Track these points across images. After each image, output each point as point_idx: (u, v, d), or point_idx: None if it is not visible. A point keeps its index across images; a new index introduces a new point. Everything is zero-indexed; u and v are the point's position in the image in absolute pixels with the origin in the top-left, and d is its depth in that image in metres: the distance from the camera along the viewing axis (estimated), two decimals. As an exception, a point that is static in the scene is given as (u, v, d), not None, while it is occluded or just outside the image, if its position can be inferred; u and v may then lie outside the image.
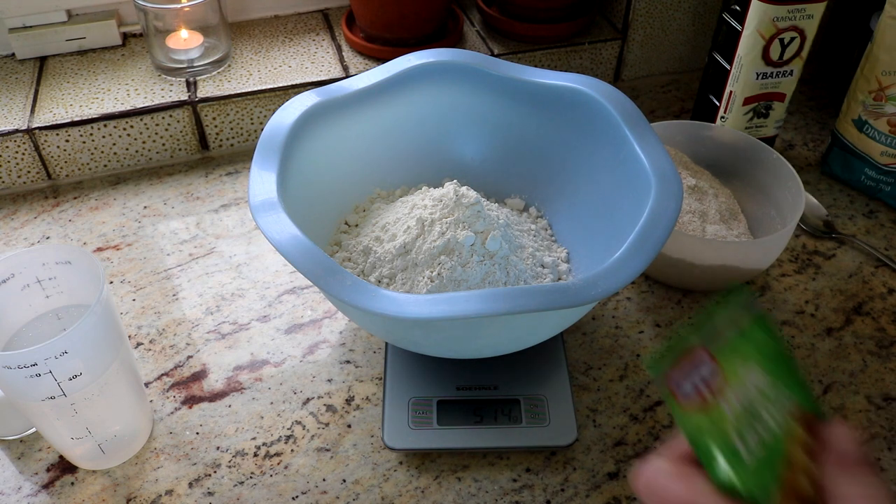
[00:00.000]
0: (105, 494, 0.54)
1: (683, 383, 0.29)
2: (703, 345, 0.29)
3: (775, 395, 0.28)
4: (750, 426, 0.28)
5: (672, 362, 0.29)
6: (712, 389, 0.28)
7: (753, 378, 0.29)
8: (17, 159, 0.77)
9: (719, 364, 0.29)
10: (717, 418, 0.28)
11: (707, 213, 0.69)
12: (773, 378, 0.29)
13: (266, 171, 0.53)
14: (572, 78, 0.62)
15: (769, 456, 0.28)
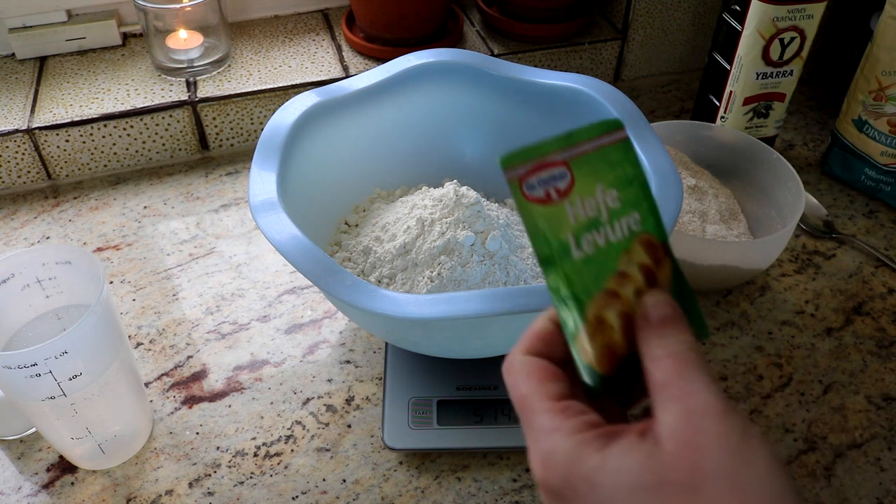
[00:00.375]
0: (105, 494, 0.54)
1: (533, 181, 0.29)
2: (562, 155, 0.30)
3: (623, 215, 0.30)
4: (587, 232, 0.30)
5: (527, 162, 0.30)
6: (560, 192, 0.29)
7: (604, 195, 0.30)
8: (17, 159, 0.77)
9: (573, 175, 0.30)
10: (557, 214, 0.29)
11: (707, 213, 0.69)
12: (625, 200, 0.30)
13: (266, 171, 0.53)
14: (572, 78, 0.62)
15: (599, 258, 0.29)
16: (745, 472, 0.25)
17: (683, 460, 0.25)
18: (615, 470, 0.26)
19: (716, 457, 0.25)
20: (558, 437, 0.27)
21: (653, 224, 0.30)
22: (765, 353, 0.63)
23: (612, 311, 0.29)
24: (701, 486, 0.25)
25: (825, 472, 0.55)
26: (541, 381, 0.29)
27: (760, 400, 0.60)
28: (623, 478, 0.26)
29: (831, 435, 0.58)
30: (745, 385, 0.61)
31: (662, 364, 0.28)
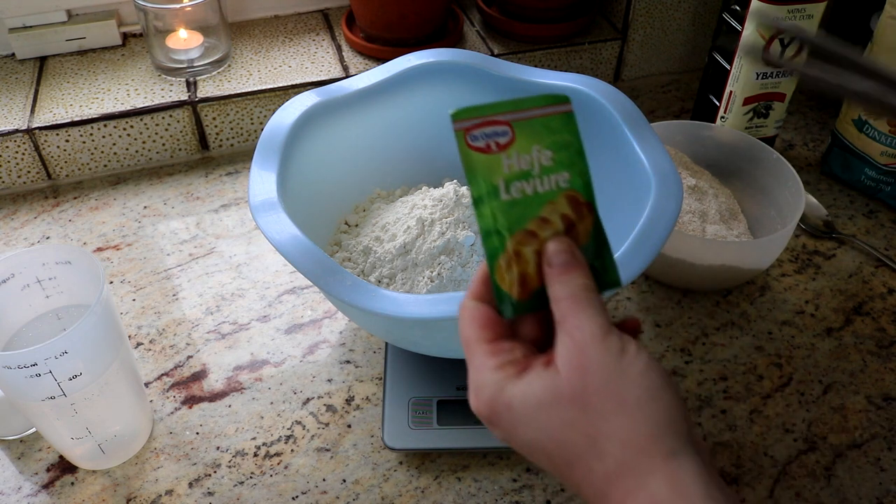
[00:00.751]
0: (105, 494, 0.54)
1: (476, 134, 0.34)
2: (508, 117, 0.35)
3: (554, 172, 0.34)
4: (517, 181, 0.34)
5: (474, 118, 0.34)
6: (499, 145, 0.34)
7: (539, 154, 0.35)
8: (17, 159, 0.77)
9: (514, 134, 0.34)
10: (493, 163, 0.34)
11: (707, 213, 0.69)
12: (558, 160, 0.35)
13: (266, 171, 0.53)
14: (572, 78, 0.62)
15: (524, 203, 0.34)
16: (622, 382, 0.31)
17: (574, 381, 0.31)
18: (524, 394, 0.32)
19: (598, 374, 0.31)
20: (486, 372, 0.33)
21: (581, 184, 0.35)
22: (765, 353, 0.63)
23: (530, 247, 0.34)
24: (588, 398, 0.31)
25: (825, 472, 0.55)
26: (481, 326, 0.34)
27: (760, 400, 0.60)
28: (530, 400, 0.32)
29: (831, 435, 0.58)
30: (745, 385, 0.61)
31: (561, 305, 0.33)
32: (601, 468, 0.31)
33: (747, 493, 0.54)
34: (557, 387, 0.31)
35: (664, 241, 0.49)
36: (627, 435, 0.30)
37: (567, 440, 0.31)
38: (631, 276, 0.47)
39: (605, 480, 0.30)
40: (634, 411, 0.30)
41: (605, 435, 0.30)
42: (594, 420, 0.31)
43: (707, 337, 0.65)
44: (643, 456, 0.30)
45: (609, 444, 0.30)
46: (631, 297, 0.68)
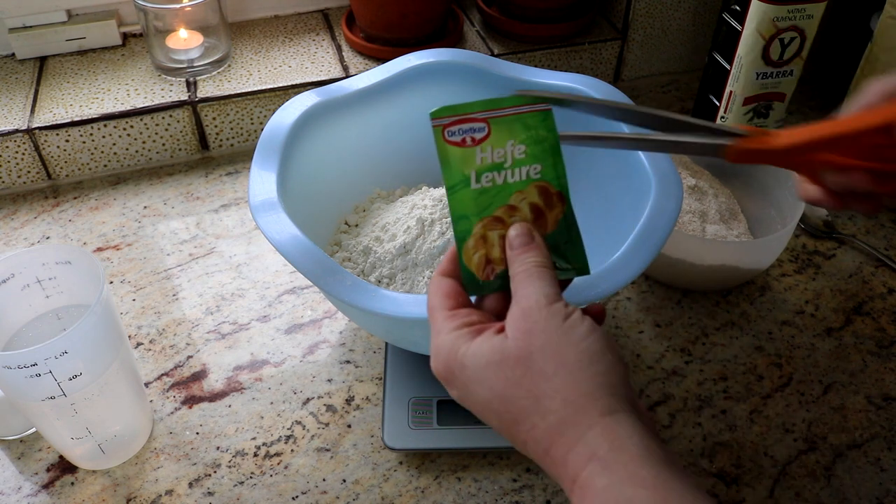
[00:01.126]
0: (105, 494, 0.54)
1: (454, 129, 0.36)
2: (484, 115, 0.37)
3: (526, 164, 0.37)
4: (489, 172, 0.37)
5: (452, 115, 0.37)
6: (475, 140, 0.37)
7: (513, 148, 0.37)
8: (17, 159, 0.77)
9: (490, 130, 0.37)
10: (467, 155, 0.37)
11: (707, 213, 0.69)
12: (530, 153, 0.37)
13: (266, 171, 0.53)
14: (572, 78, 0.62)
15: (493, 192, 0.37)
16: (564, 345, 0.33)
17: (520, 342, 0.34)
18: (475, 354, 0.34)
19: (541, 336, 0.33)
20: (444, 335, 0.36)
21: (552, 175, 0.37)
22: (765, 353, 0.63)
23: (495, 232, 0.37)
24: (532, 359, 0.33)
25: (825, 472, 0.55)
26: (445, 296, 0.37)
27: (760, 400, 0.60)
28: (480, 359, 0.34)
29: (831, 435, 0.58)
30: (745, 385, 0.61)
31: (516, 279, 0.36)
32: (544, 425, 0.32)
33: (747, 493, 0.54)
34: (505, 348, 0.34)
35: (664, 241, 0.49)
36: (567, 393, 0.32)
37: (513, 398, 0.33)
38: (631, 276, 0.47)
39: (547, 436, 0.32)
40: (575, 372, 0.33)
41: (547, 393, 0.33)
42: (537, 379, 0.33)
43: (707, 337, 0.65)
44: (582, 413, 0.32)
45: (551, 402, 0.32)
46: (631, 297, 0.68)
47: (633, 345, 0.64)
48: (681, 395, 0.60)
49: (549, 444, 0.32)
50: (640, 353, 0.63)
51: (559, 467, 0.32)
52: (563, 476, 0.32)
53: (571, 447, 0.32)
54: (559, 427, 0.32)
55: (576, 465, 0.31)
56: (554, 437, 0.32)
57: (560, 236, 0.38)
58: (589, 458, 0.31)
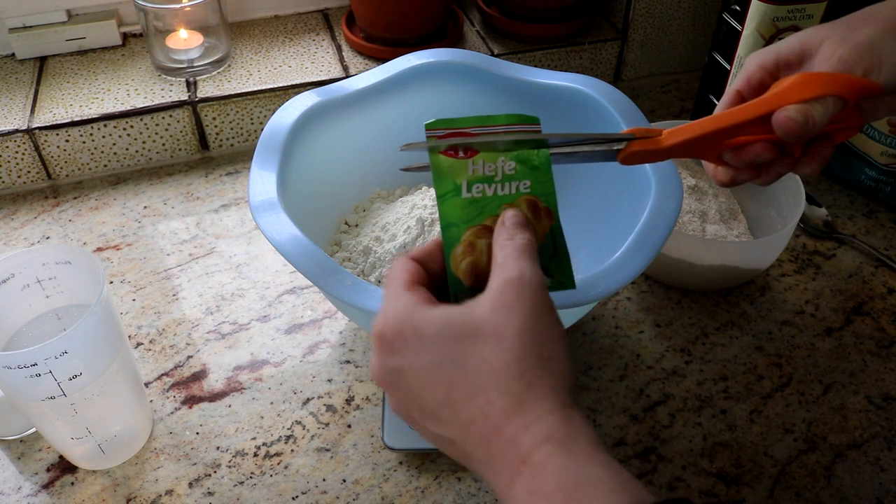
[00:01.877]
0: (105, 494, 0.54)
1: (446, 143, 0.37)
2: (478, 130, 0.38)
3: (516, 179, 0.38)
4: (479, 183, 0.38)
5: (447, 128, 0.38)
6: (467, 153, 0.37)
7: (504, 164, 0.38)
8: (17, 159, 0.77)
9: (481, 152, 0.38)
10: (459, 166, 0.37)
11: (707, 213, 0.69)
12: (520, 170, 0.38)
13: (266, 171, 0.53)
14: (572, 78, 0.62)
15: (482, 202, 0.38)
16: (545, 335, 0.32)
17: (499, 316, 0.32)
18: (438, 319, 0.33)
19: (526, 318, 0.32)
20: (400, 300, 0.34)
21: (541, 192, 0.38)
22: (765, 353, 0.63)
23: (483, 240, 0.37)
24: (505, 334, 0.32)
25: (825, 472, 0.55)
26: (408, 272, 0.36)
27: (760, 400, 0.60)
28: (445, 327, 0.32)
29: (831, 435, 0.58)
30: (745, 385, 0.61)
31: (505, 250, 0.34)
32: (502, 403, 0.31)
33: (747, 493, 0.54)
34: (482, 319, 0.32)
35: (664, 241, 0.49)
36: (533, 379, 0.32)
37: (477, 371, 0.32)
38: (631, 276, 0.47)
39: (503, 414, 0.31)
40: (548, 364, 0.32)
41: (514, 374, 0.32)
42: (507, 358, 0.32)
43: (707, 337, 0.65)
44: (545, 399, 0.31)
45: (515, 383, 0.31)
46: (631, 297, 0.68)
47: (633, 345, 0.64)
48: (681, 395, 0.60)
49: (503, 423, 0.31)
50: (640, 353, 0.63)
51: (508, 447, 0.31)
52: (509, 457, 0.31)
53: (528, 426, 0.31)
54: (518, 408, 0.31)
55: (530, 444, 0.30)
56: (511, 416, 0.31)
57: (546, 250, 0.38)
58: (546, 439, 0.30)
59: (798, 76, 0.41)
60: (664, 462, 0.56)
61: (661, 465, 0.55)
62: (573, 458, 0.30)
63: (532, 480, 0.30)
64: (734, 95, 0.45)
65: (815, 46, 0.42)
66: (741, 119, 0.41)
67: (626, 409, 0.59)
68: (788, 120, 0.39)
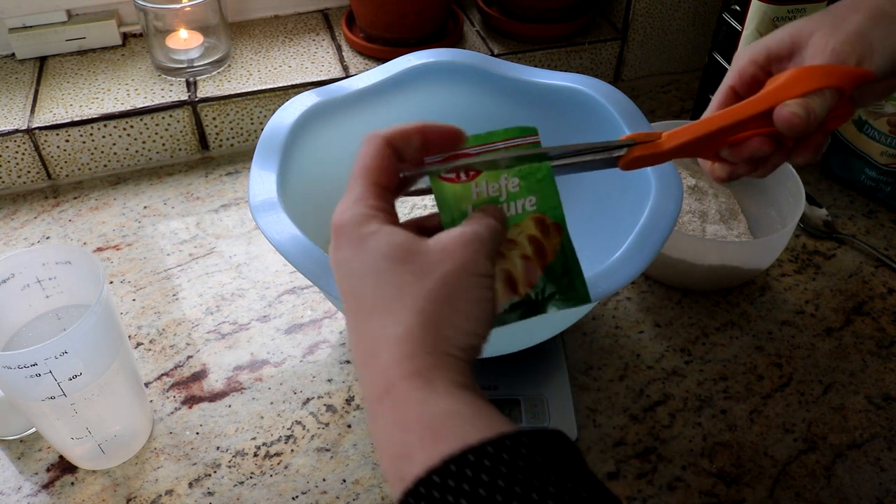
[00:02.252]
0: (105, 494, 0.54)
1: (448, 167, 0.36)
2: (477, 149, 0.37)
3: (521, 197, 0.37)
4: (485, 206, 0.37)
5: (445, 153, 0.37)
6: (469, 175, 0.36)
7: (507, 182, 0.37)
8: (17, 159, 0.77)
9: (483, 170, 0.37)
10: (462, 191, 0.36)
11: (707, 213, 0.69)
12: (524, 186, 0.37)
13: (266, 171, 0.53)
14: (572, 78, 0.62)
15: None
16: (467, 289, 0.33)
17: (438, 255, 0.33)
18: (384, 236, 0.33)
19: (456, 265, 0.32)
20: (363, 203, 0.34)
21: (548, 207, 0.37)
22: (765, 353, 0.63)
23: (497, 267, 0.36)
24: (432, 273, 0.32)
25: (825, 472, 0.55)
26: (381, 169, 0.35)
27: (760, 400, 0.60)
28: (385, 249, 0.33)
29: (831, 435, 0.58)
30: (745, 385, 0.61)
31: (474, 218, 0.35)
32: (392, 330, 0.32)
33: (747, 493, 0.54)
34: (419, 252, 0.33)
35: (664, 241, 0.49)
36: (434, 324, 0.32)
37: (387, 295, 0.32)
38: (631, 276, 0.47)
39: (387, 342, 0.32)
40: (455, 315, 0.32)
41: (417, 309, 0.32)
42: (420, 293, 0.32)
43: (707, 337, 0.65)
44: (432, 345, 0.32)
45: (414, 319, 0.32)
46: (631, 297, 0.68)
47: (633, 345, 0.64)
48: (681, 395, 0.60)
49: (383, 348, 0.32)
50: (640, 353, 0.63)
51: (377, 374, 0.32)
52: (377, 383, 0.31)
53: (400, 361, 0.31)
54: (405, 339, 0.31)
55: (396, 377, 0.31)
56: (391, 346, 0.31)
57: (558, 266, 0.38)
58: (413, 374, 0.31)
59: (794, 71, 0.41)
60: (664, 462, 0.56)
61: (661, 465, 0.55)
62: (434, 394, 0.30)
63: (392, 410, 0.31)
64: (728, 91, 0.45)
65: (805, 38, 0.42)
66: (741, 117, 0.41)
67: (626, 409, 0.59)
68: (791, 115, 0.39)
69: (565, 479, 0.27)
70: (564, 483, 0.27)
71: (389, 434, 0.30)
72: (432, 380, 0.31)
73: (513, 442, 0.28)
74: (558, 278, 0.37)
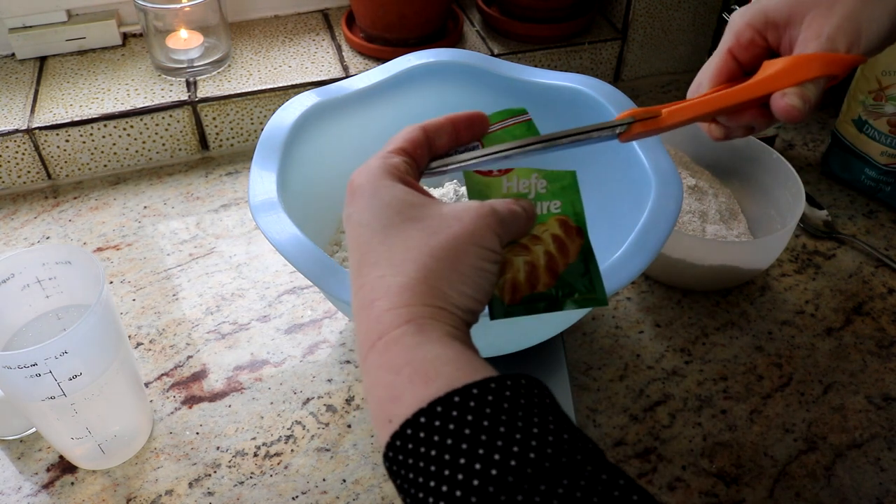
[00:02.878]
0: (105, 494, 0.54)
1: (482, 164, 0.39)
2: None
3: (547, 199, 0.39)
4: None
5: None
6: (501, 171, 0.39)
7: (537, 182, 0.39)
8: (17, 159, 0.77)
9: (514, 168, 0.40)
10: (494, 184, 0.39)
11: (707, 213, 0.69)
12: (551, 189, 0.39)
13: (266, 171, 0.53)
14: (572, 78, 0.62)
15: None
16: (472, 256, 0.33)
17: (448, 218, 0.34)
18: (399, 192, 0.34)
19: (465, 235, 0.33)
20: (382, 160, 0.36)
21: (571, 212, 0.39)
22: (765, 353, 0.63)
23: (521, 258, 0.38)
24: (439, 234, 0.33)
25: (825, 472, 0.55)
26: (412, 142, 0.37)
27: (760, 400, 0.60)
28: (398, 204, 0.34)
29: (831, 435, 0.58)
30: (745, 385, 0.61)
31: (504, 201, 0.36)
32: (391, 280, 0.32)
33: (747, 493, 0.54)
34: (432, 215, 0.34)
35: (664, 241, 0.49)
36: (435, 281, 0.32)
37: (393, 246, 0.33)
38: (631, 276, 0.47)
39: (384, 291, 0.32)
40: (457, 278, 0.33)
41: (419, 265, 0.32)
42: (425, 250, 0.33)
43: (707, 337, 0.65)
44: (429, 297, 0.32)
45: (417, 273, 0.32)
46: (631, 297, 0.68)
47: (633, 345, 0.64)
48: (681, 395, 0.60)
49: (379, 297, 0.32)
50: (640, 353, 0.63)
51: (371, 321, 0.32)
52: (370, 330, 0.32)
53: (396, 308, 0.32)
54: (402, 291, 0.32)
55: (390, 324, 0.31)
56: (388, 295, 0.32)
57: (579, 268, 0.39)
58: (406, 322, 0.31)
59: (790, 59, 0.43)
60: (664, 462, 0.56)
61: (661, 465, 0.55)
62: (426, 340, 0.31)
63: (383, 354, 0.31)
64: (725, 55, 0.47)
65: (801, 13, 0.43)
66: (739, 100, 0.43)
67: (626, 409, 0.59)
68: (789, 107, 0.41)
69: (546, 421, 0.28)
70: (546, 424, 0.28)
71: (380, 378, 0.31)
72: (425, 327, 0.31)
73: (497, 385, 0.29)
74: (579, 279, 0.38)
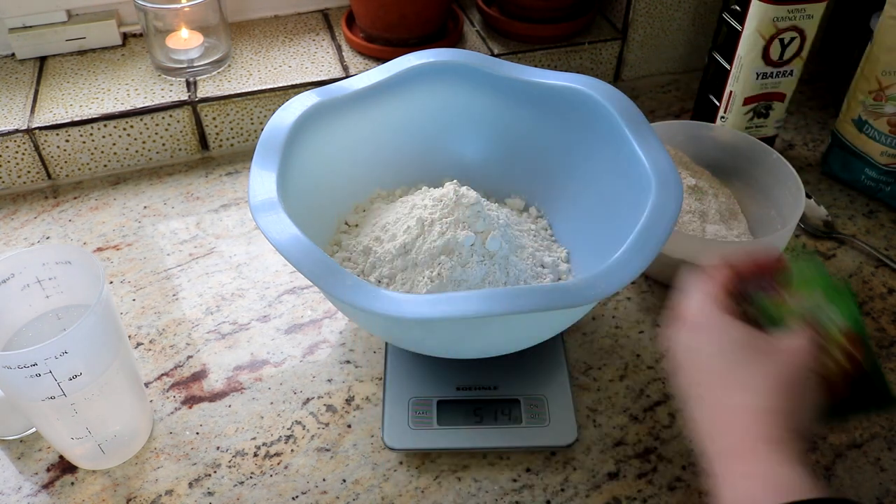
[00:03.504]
0: (105, 494, 0.54)
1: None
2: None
3: (830, 312, 0.44)
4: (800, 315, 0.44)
5: None
6: (789, 294, 0.45)
7: (817, 298, 0.44)
8: (17, 159, 0.77)
9: (794, 285, 0.45)
10: (780, 301, 0.45)
11: (707, 213, 0.69)
12: (831, 302, 0.44)
13: (266, 171, 0.53)
14: (572, 78, 0.62)
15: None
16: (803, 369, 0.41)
17: (782, 351, 0.41)
18: (736, 329, 0.42)
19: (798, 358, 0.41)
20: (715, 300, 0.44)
21: (854, 321, 0.43)
22: (765, 353, 0.63)
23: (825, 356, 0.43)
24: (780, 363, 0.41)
25: (825, 472, 0.55)
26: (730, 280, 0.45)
27: (760, 400, 0.60)
28: (740, 338, 0.42)
29: (831, 435, 0.57)
30: (745, 385, 0.61)
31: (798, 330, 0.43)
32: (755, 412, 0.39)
33: (747, 493, 0.54)
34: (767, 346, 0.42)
35: (664, 241, 0.49)
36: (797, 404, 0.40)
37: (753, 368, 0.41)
38: (631, 276, 0.47)
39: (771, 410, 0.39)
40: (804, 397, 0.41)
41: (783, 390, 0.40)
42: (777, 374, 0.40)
43: (707, 337, 0.64)
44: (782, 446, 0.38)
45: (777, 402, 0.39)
46: (631, 297, 0.68)
47: (633, 345, 0.64)
48: (681, 395, 0.60)
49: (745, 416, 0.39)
50: (640, 353, 0.63)
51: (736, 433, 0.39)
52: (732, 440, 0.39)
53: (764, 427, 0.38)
54: (769, 413, 0.39)
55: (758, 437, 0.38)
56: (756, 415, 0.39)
57: (875, 374, 0.43)
58: (775, 440, 0.38)
59: None
60: (664, 462, 0.56)
61: (661, 465, 0.55)
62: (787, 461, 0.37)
63: (747, 464, 0.38)
64: None
65: None
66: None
67: (626, 408, 0.59)
68: None
69: None
70: None
71: (737, 484, 0.38)
72: (785, 449, 0.38)
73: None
74: (868, 385, 0.43)
